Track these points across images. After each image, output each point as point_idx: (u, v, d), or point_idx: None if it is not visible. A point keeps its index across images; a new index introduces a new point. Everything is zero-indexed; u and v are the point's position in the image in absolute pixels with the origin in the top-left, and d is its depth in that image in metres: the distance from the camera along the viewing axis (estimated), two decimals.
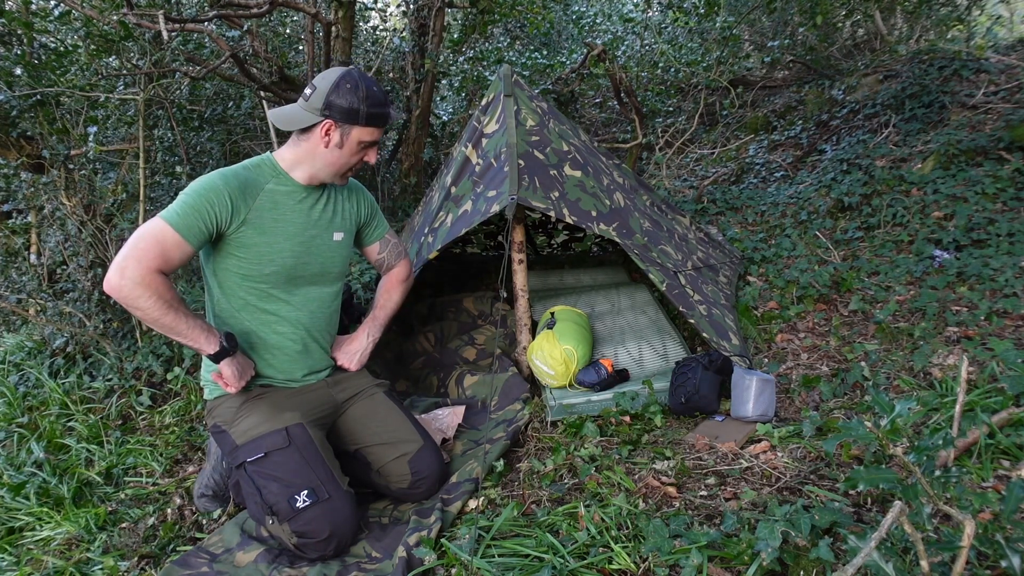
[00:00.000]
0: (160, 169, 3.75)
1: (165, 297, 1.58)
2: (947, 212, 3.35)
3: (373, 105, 1.73)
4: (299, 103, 1.75)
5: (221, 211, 1.66)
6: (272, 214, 1.76)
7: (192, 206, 1.63)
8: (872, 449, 1.73)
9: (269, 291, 1.80)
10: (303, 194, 1.82)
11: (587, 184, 2.50)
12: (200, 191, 1.65)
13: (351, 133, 1.74)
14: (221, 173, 1.71)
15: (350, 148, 1.76)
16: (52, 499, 2.17)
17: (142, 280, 1.55)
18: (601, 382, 2.38)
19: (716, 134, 6.49)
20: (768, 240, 3.76)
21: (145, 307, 1.56)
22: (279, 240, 1.77)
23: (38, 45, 3.24)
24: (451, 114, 6.29)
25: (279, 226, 1.77)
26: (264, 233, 1.74)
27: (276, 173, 1.79)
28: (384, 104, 1.76)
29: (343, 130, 1.73)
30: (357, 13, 4.77)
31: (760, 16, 7.06)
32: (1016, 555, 1.04)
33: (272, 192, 1.77)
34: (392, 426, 1.94)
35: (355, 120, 1.72)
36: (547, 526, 1.64)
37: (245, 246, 1.73)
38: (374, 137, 1.78)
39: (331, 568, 1.64)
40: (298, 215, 1.81)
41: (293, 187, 1.80)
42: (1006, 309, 2.48)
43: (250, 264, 1.75)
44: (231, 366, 1.71)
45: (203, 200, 1.64)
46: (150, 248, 1.57)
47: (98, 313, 3.11)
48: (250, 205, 1.72)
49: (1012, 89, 4.57)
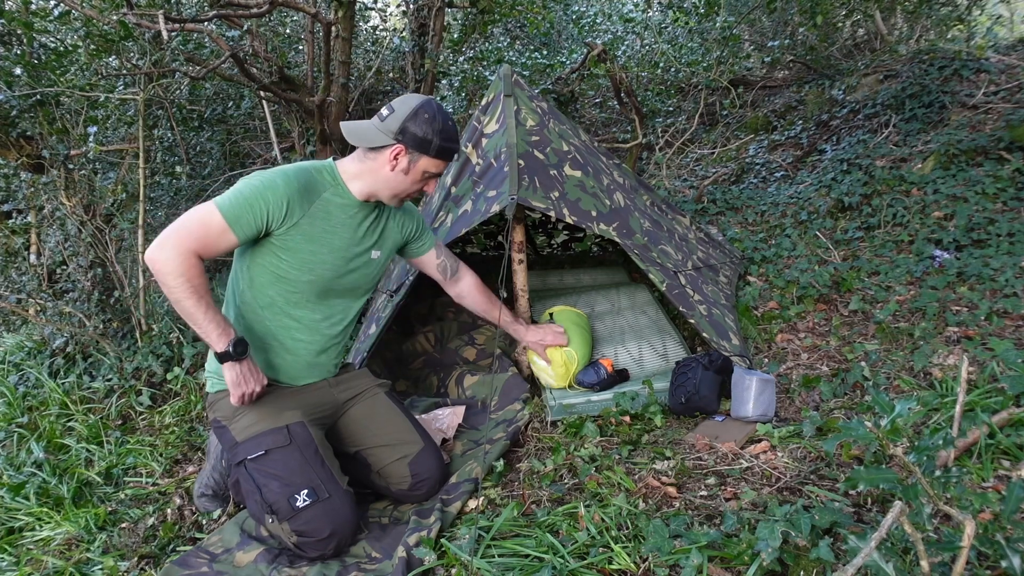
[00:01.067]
0: (160, 169, 3.76)
1: (194, 282, 1.60)
2: (947, 212, 3.35)
3: (446, 140, 1.74)
4: (374, 121, 1.76)
5: (275, 211, 1.66)
6: (324, 224, 1.75)
7: (248, 199, 1.63)
8: (872, 449, 1.73)
9: (300, 298, 1.80)
10: (356, 209, 1.82)
11: (587, 184, 2.50)
12: (260, 187, 1.65)
13: (419, 162, 1.75)
14: (283, 173, 1.70)
15: (414, 176, 1.77)
16: (52, 499, 2.17)
17: (177, 258, 1.57)
18: (601, 382, 2.38)
19: (716, 134, 6.49)
20: (768, 240, 3.76)
21: (172, 285, 1.59)
22: (324, 251, 1.77)
23: (38, 45, 3.24)
24: (451, 114, 6.28)
25: (327, 237, 1.77)
26: (312, 241, 1.74)
27: (336, 183, 1.79)
28: (456, 140, 1.78)
29: (412, 157, 1.74)
30: (357, 13, 4.76)
31: (760, 16, 7.06)
32: (1016, 555, 1.04)
33: (328, 202, 1.76)
34: (393, 428, 1.94)
35: (426, 150, 1.73)
36: (547, 526, 1.64)
37: (290, 249, 1.72)
38: (439, 169, 1.79)
39: (331, 568, 1.64)
40: (347, 230, 1.81)
41: (349, 200, 1.80)
42: (1006, 309, 2.48)
43: (289, 267, 1.74)
44: (232, 371, 1.70)
45: (260, 197, 1.64)
46: (195, 230, 1.60)
47: (98, 313, 3.11)
48: (305, 210, 1.71)
49: (1012, 89, 4.57)
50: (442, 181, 2.84)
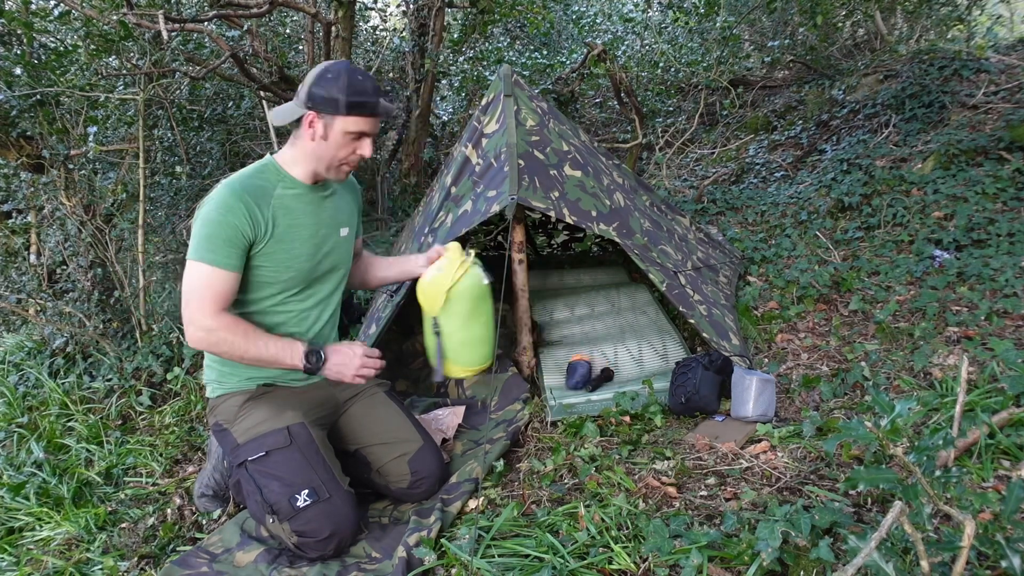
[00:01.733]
0: (160, 169, 3.75)
1: (236, 331, 1.64)
2: (947, 212, 3.35)
3: (353, 94, 1.66)
4: (293, 99, 1.75)
5: (246, 227, 1.66)
6: (287, 220, 1.74)
7: (220, 235, 1.63)
8: (872, 449, 1.73)
9: (286, 295, 1.80)
10: (310, 194, 1.80)
11: (587, 184, 2.50)
12: (220, 218, 1.63)
13: (334, 124, 1.69)
14: (230, 188, 1.67)
15: (336, 139, 1.71)
16: (52, 499, 2.17)
17: (212, 326, 1.63)
18: (592, 380, 2.40)
19: (716, 134, 6.49)
20: (768, 240, 3.76)
21: (226, 349, 1.65)
22: (296, 246, 1.76)
23: (38, 45, 3.23)
24: (451, 114, 6.29)
25: (295, 231, 1.76)
26: (282, 241, 1.73)
27: (281, 176, 1.77)
28: (368, 93, 1.69)
29: (325, 120, 1.69)
30: (357, 13, 4.76)
31: (760, 16, 7.06)
32: (1016, 555, 1.04)
33: (282, 197, 1.75)
34: (392, 426, 1.94)
35: (336, 109, 1.67)
36: (547, 526, 1.64)
37: (265, 255, 1.72)
38: (360, 127, 1.71)
39: (331, 568, 1.64)
40: (309, 217, 1.80)
41: (300, 188, 1.78)
42: (1006, 309, 2.48)
43: (268, 272, 1.74)
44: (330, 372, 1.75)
45: (226, 225, 1.63)
46: (204, 294, 1.63)
47: (98, 313, 3.11)
48: (267, 215, 1.70)
49: (1012, 89, 4.57)
50: (442, 181, 2.84)
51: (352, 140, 1.73)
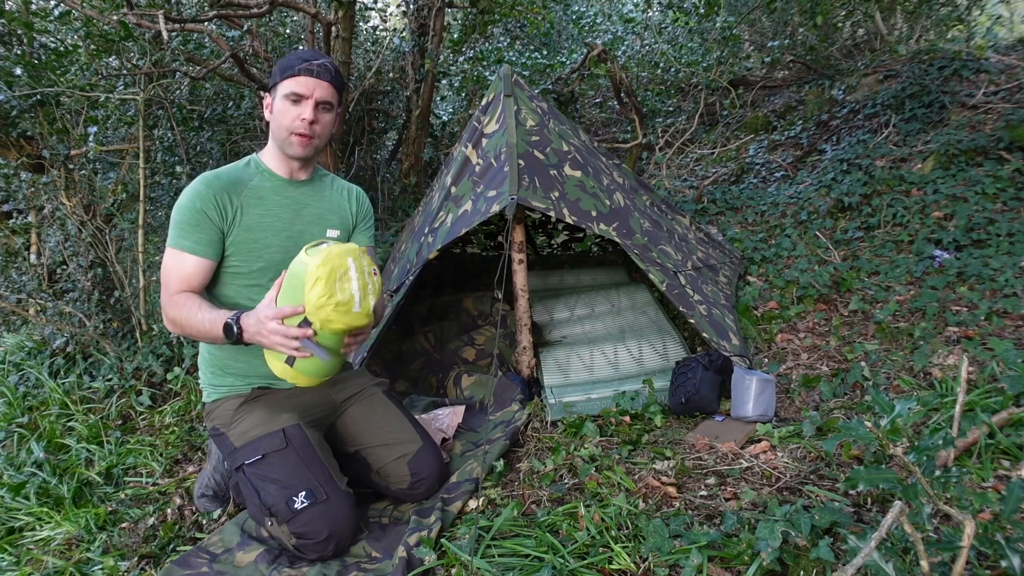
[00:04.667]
0: (160, 169, 3.75)
1: (188, 305, 1.65)
2: (947, 212, 3.35)
3: (285, 65, 1.77)
4: None
5: (212, 212, 1.70)
6: (258, 210, 1.78)
7: (189, 220, 1.68)
8: (872, 449, 1.73)
9: (259, 289, 1.79)
10: (288, 188, 1.85)
11: (587, 184, 2.50)
12: (190, 204, 1.69)
13: (276, 95, 1.78)
14: (202, 177, 1.75)
15: (280, 108, 1.78)
16: (52, 499, 2.17)
17: (169, 305, 1.66)
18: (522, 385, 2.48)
19: (716, 134, 6.49)
20: (768, 240, 3.76)
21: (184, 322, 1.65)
22: (267, 235, 1.79)
23: (38, 45, 3.24)
24: (451, 114, 6.29)
25: (266, 221, 1.79)
26: (251, 230, 1.76)
27: (260, 170, 1.83)
28: (297, 60, 1.77)
29: (272, 95, 1.80)
30: (357, 13, 4.77)
31: (760, 16, 7.06)
32: (1016, 555, 1.04)
33: (257, 188, 1.80)
34: (391, 427, 1.94)
35: (274, 82, 1.79)
36: (547, 526, 1.64)
37: (234, 244, 1.75)
38: (292, 88, 1.75)
39: (331, 568, 1.64)
40: (285, 210, 1.83)
41: (277, 182, 1.84)
42: (1006, 309, 2.48)
43: (239, 262, 1.76)
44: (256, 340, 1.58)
45: (194, 210, 1.68)
46: (170, 277, 1.68)
47: (98, 313, 3.11)
48: (237, 203, 1.75)
49: (1012, 89, 4.56)
50: (442, 181, 2.84)
51: (291, 104, 1.77)
